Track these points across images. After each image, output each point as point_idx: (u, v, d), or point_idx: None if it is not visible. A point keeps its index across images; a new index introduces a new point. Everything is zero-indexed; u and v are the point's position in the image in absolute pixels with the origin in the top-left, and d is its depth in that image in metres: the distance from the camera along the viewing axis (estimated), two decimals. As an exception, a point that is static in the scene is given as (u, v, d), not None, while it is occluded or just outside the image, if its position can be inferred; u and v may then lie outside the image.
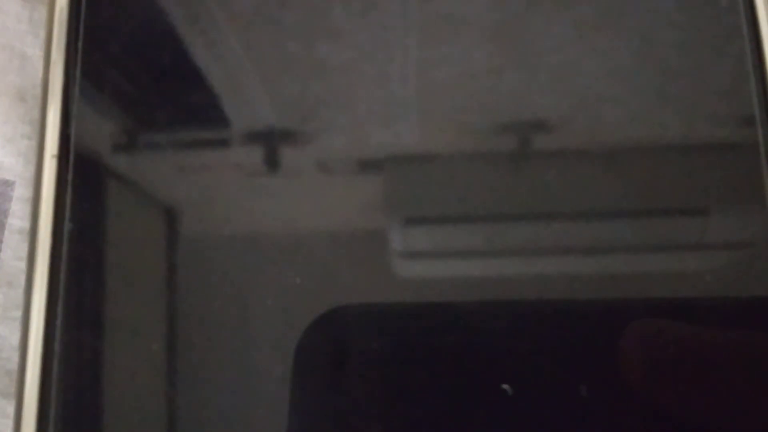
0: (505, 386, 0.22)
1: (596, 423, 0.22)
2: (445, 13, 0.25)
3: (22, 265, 0.25)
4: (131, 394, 0.23)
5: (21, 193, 0.26)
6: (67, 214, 0.23)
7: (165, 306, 0.23)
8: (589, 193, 0.23)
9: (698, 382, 0.21)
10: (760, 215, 0.23)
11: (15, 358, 0.24)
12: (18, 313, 0.25)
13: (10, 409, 0.24)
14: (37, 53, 0.27)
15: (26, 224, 0.25)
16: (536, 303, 0.23)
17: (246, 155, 0.24)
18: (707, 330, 0.22)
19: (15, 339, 0.24)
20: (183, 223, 0.24)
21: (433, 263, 0.23)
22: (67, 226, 0.23)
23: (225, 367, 0.23)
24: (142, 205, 0.24)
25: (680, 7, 0.24)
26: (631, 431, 0.22)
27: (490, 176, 0.24)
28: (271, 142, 0.24)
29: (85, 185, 0.24)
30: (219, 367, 0.22)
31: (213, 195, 0.24)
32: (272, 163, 0.24)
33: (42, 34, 0.27)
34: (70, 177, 0.24)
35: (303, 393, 0.22)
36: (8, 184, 0.26)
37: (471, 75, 0.24)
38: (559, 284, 0.23)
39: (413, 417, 0.22)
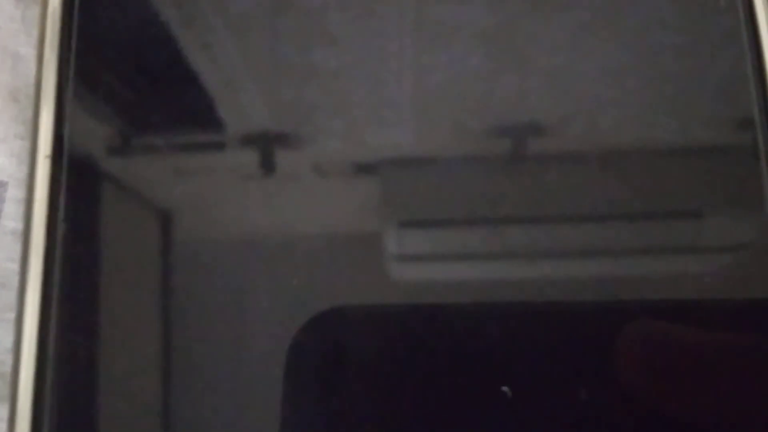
0: (505, 388, 0.21)
1: (593, 424, 0.22)
2: (441, 18, 0.25)
3: (16, 266, 0.25)
4: (126, 396, 0.23)
5: (14, 193, 0.26)
6: (61, 214, 0.23)
7: (160, 308, 0.23)
8: (586, 196, 0.23)
9: (695, 383, 0.22)
10: (759, 217, 0.23)
11: (9, 360, 0.24)
12: (11, 315, 0.25)
13: (4, 413, 0.24)
14: (30, 52, 0.27)
15: (19, 225, 0.25)
16: (531, 305, 0.23)
17: (242, 158, 0.24)
18: (704, 332, 0.22)
19: (8, 341, 0.24)
20: (178, 225, 0.24)
21: (428, 266, 0.23)
22: (61, 227, 0.23)
23: (220, 368, 0.22)
24: (136, 206, 0.24)
25: (678, 10, 0.24)
26: (628, 432, 0.22)
27: (485, 180, 0.23)
28: (267, 146, 0.24)
29: (78, 186, 0.24)
30: (214, 369, 0.22)
31: (209, 197, 0.24)
32: (268, 166, 0.24)
33: (35, 33, 0.26)
34: (63, 177, 0.24)
35: (296, 393, 0.22)
36: (1, 184, 0.26)
37: (466, 79, 0.24)
38: (556, 287, 0.23)
39: (405, 419, 0.22)
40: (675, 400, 0.21)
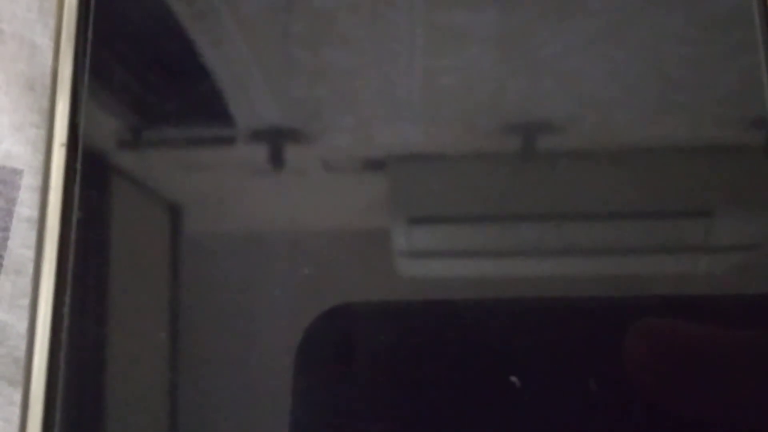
0: (513, 378, 0.22)
1: (601, 422, 0.22)
2: (452, 16, 0.25)
3: (30, 253, 0.25)
4: (137, 382, 0.23)
5: (29, 181, 0.26)
6: (75, 202, 0.23)
7: (171, 295, 0.23)
8: (596, 193, 0.23)
9: (703, 381, 0.22)
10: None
11: (22, 346, 0.24)
12: (25, 301, 0.25)
13: (17, 397, 0.24)
14: (46, 42, 0.27)
15: (34, 213, 0.25)
16: (540, 302, 0.23)
17: (252, 153, 0.24)
18: (713, 329, 0.22)
19: (22, 327, 0.25)
20: (187, 218, 0.24)
21: (437, 262, 0.23)
22: (75, 214, 0.23)
23: (229, 361, 0.23)
24: (150, 194, 0.24)
25: (691, 8, 0.24)
26: (636, 430, 0.22)
27: (494, 176, 0.23)
28: (277, 141, 0.24)
29: (93, 174, 0.24)
30: (223, 364, 0.23)
31: (218, 191, 0.24)
32: (277, 161, 0.24)
33: (51, 23, 0.27)
34: (78, 165, 0.24)
35: (305, 390, 0.22)
36: (17, 172, 0.26)
37: (476, 76, 0.24)
38: (564, 284, 0.23)
39: (415, 414, 0.22)
40: (683, 398, 0.22)
